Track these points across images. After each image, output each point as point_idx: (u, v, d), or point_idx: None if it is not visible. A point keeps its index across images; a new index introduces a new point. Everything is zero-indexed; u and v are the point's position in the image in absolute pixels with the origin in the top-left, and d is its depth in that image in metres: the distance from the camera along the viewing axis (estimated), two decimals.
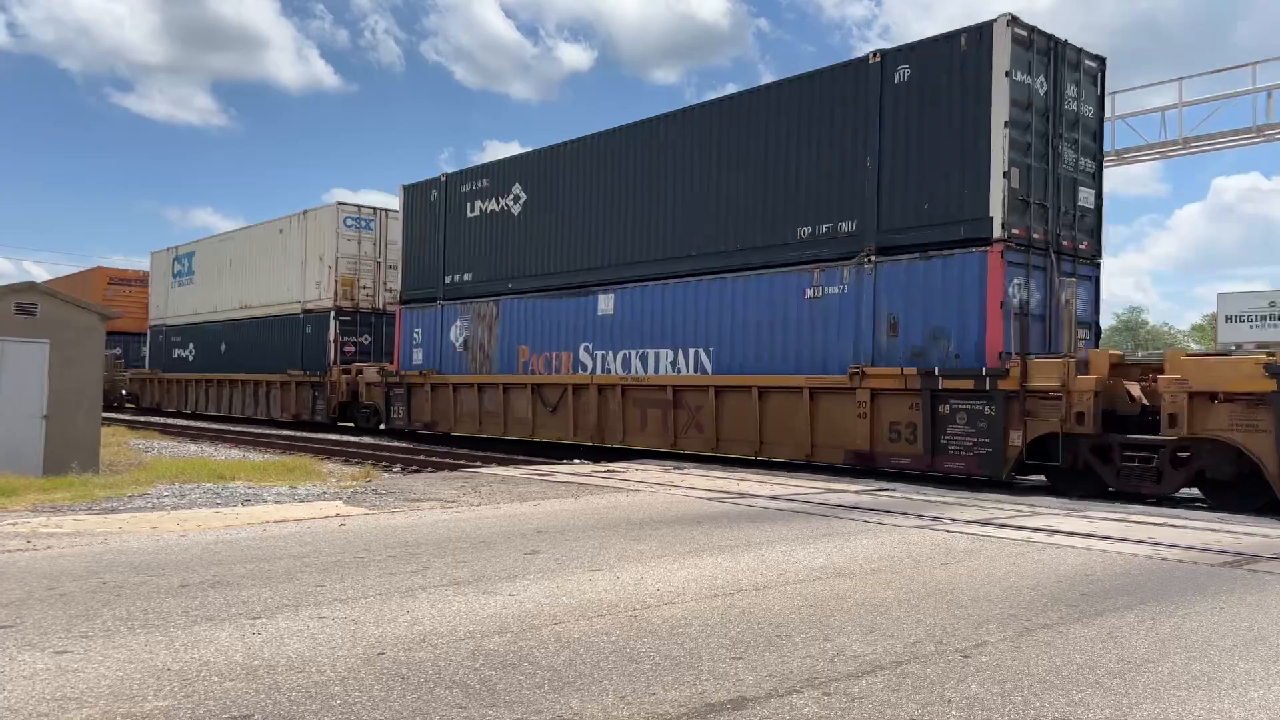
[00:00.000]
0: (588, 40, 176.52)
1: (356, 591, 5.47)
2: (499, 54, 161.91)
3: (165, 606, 5.03)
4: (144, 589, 5.45)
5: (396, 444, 22.98)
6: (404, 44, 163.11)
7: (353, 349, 28.40)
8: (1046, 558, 7.14)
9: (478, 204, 22.61)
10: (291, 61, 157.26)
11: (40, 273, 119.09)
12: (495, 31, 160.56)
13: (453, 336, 22.87)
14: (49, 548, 6.82)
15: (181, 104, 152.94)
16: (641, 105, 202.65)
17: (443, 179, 23.70)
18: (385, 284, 28.92)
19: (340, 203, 29.17)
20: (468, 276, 22.63)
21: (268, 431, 28.08)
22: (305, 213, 30.26)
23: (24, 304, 13.91)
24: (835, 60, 18.84)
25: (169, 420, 34.45)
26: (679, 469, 14.60)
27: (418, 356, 24.08)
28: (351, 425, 28.02)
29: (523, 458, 18.64)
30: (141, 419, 34.36)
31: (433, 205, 23.91)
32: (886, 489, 12.13)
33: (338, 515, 8.90)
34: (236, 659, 4.09)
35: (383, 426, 25.34)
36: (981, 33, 13.54)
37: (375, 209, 29.44)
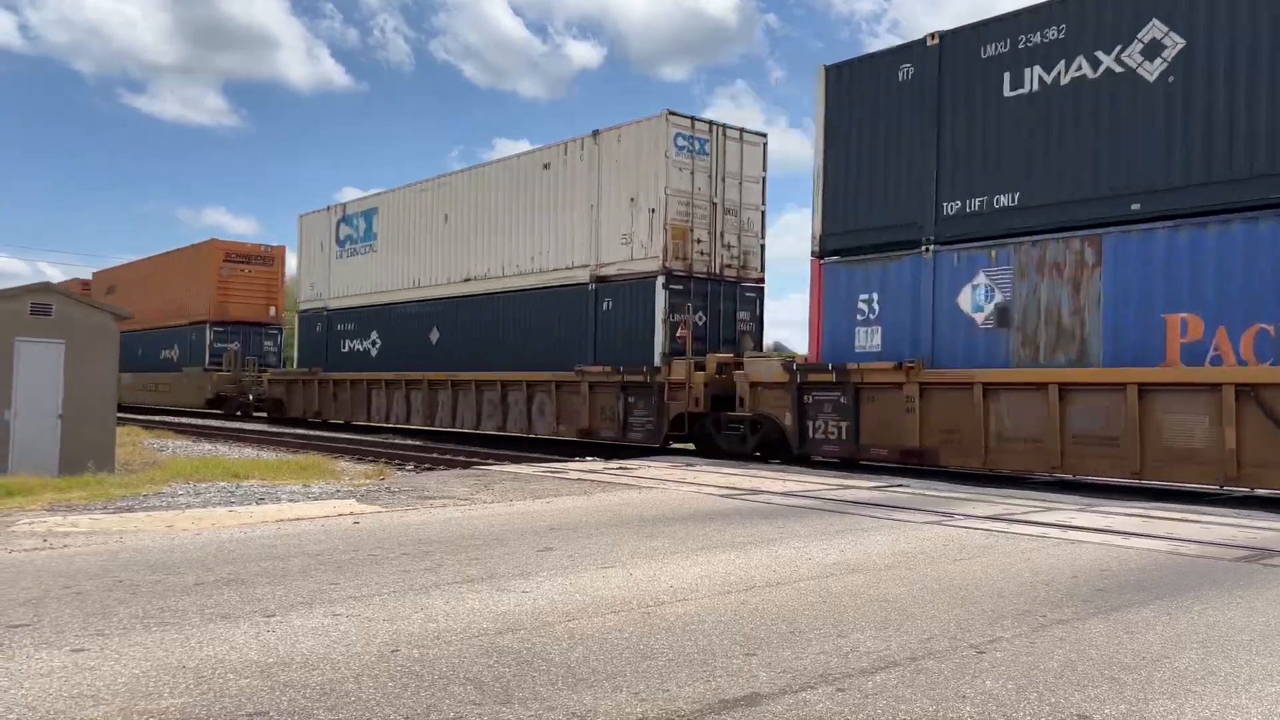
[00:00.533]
0: (596, 37, 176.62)
1: (370, 589, 5.49)
2: (508, 52, 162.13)
3: (181, 604, 5.05)
4: (159, 587, 5.48)
5: (409, 442, 22.99)
6: (413, 42, 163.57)
7: (685, 334, 18.58)
8: (1061, 553, 7.11)
9: (1033, 72, 13.33)
10: (302, 61, 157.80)
11: (55, 273, 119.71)
12: (504, 29, 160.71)
13: (967, 303, 13.96)
14: (65, 546, 6.87)
15: (192, 104, 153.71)
16: (652, 102, 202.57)
17: (931, 41, 14.39)
18: (723, 238, 19.51)
19: (671, 112, 18.89)
20: (1009, 199, 13.47)
21: (281, 430, 28.18)
22: (599, 133, 20.23)
23: (39, 304, 14.00)
24: (847, 54, 16.72)
25: (183, 420, 34.58)
26: (691, 465, 14.60)
27: (868, 338, 15.15)
28: (692, 446, 18.36)
29: (535, 455, 18.66)
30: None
31: (902, 89, 14.83)
32: (899, 485, 12.09)
33: (351, 513, 8.93)
34: (251, 656, 4.11)
35: (796, 452, 15.94)
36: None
37: (711, 124, 19.51)
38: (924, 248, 14.42)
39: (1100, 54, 12.61)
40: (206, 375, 37.24)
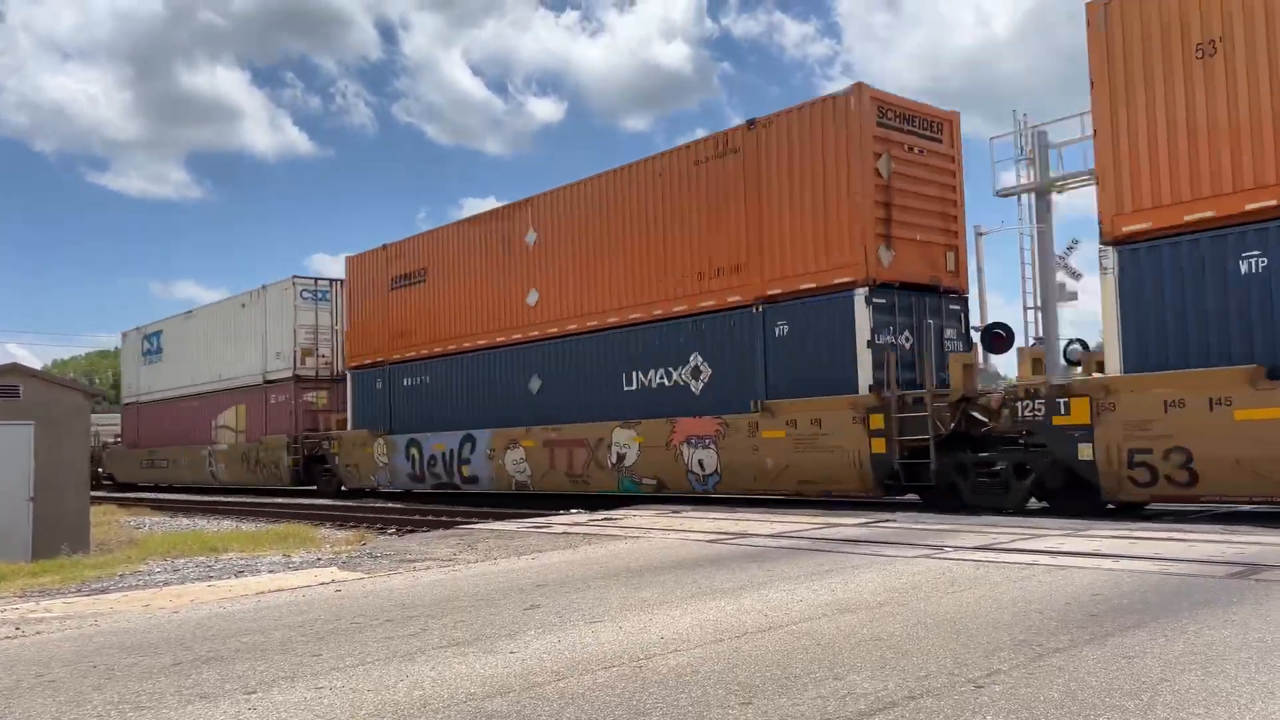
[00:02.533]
0: (557, 93, 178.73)
1: (354, 659, 5.35)
2: (469, 111, 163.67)
3: (158, 687, 4.90)
4: (136, 670, 5.31)
5: (391, 505, 22.74)
6: (374, 106, 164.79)
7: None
8: (1052, 580, 7.06)
9: None
10: (265, 130, 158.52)
11: (25, 355, 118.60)
12: (464, 89, 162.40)
13: None
14: (38, 633, 6.67)
15: (156, 179, 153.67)
16: (615, 153, 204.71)
17: None
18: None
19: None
20: None
21: (261, 501, 27.80)
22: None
23: (6, 386, 13.80)
24: (803, 97, 16.80)
25: (161, 495, 34.12)
26: (677, 512, 14.48)
27: None
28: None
29: (520, 511, 18.47)
30: (133, 496, 33.88)
31: None
32: (886, 520, 12.03)
33: (333, 581, 8.76)
34: None
35: None
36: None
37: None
38: None
39: None
40: None
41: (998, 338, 14.87)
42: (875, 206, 14.94)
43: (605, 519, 13.95)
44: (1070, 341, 14.62)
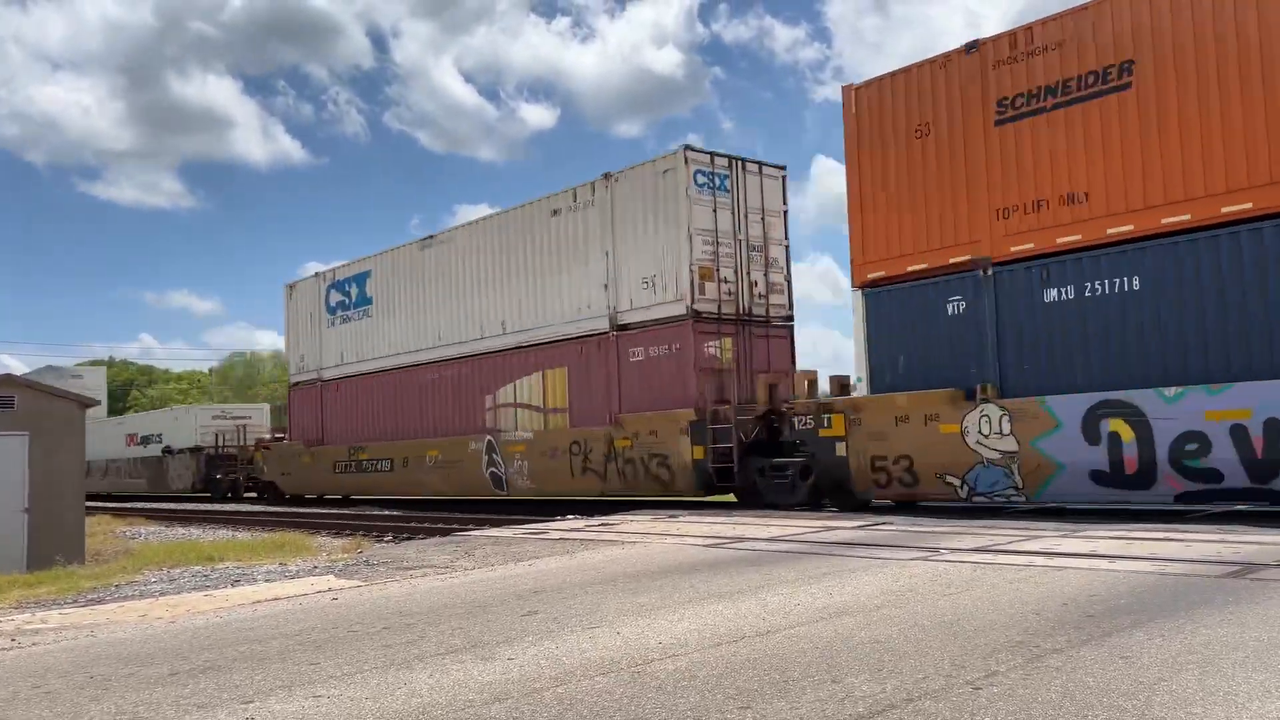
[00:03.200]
0: (549, 99, 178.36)
1: (352, 667, 5.34)
2: (461, 118, 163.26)
3: (155, 697, 4.88)
4: (133, 680, 5.30)
5: (387, 513, 22.71)
6: (366, 114, 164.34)
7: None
8: (1049, 581, 7.07)
9: None
10: (257, 139, 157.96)
11: (19, 366, 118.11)
12: (456, 96, 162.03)
13: None
14: (34, 644, 6.65)
15: (149, 188, 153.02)
16: (607, 159, 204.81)
17: None
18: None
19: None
20: None
21: (255, 509, 27.75)
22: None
23: (1, 397, 13.76)
24: (789, 106, 16.83)
25: (154, 505, 34.00)
26: (674, 517, 14.48)
27: None
28: None
29: (516, 517, 18.46)
30: (129, 507, 33.58)
31: None
32: (882, 523, 12.05)
33: (330, 589, 8.74)
34: None
35: None
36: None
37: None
38: None
39: None
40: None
41: None
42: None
43: (602, 524, 13.94)
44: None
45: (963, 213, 13.57)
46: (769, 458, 16.32)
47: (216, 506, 30.75)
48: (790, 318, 19.09)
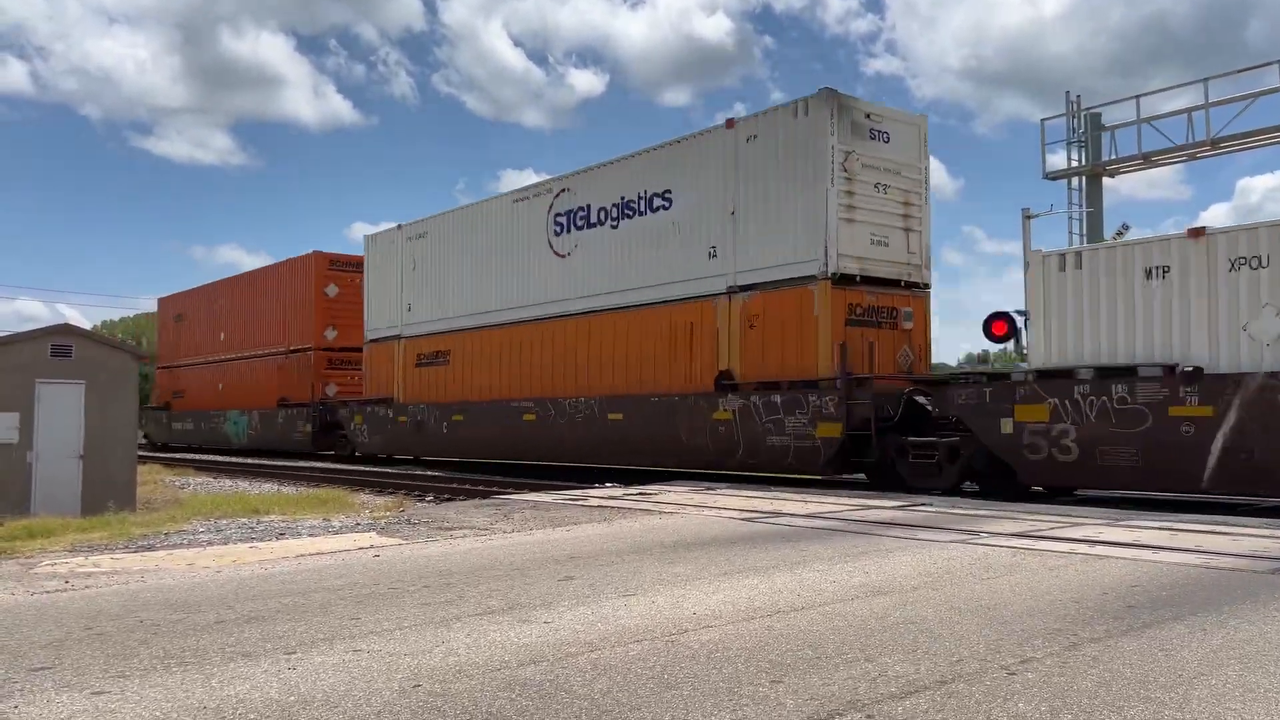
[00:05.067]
0: (597, 65, 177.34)
1: (391, 623, 5.45)
2: (509, 83, 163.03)
3: (201, 644, 5.02)
4: (180, 626, 5.45)
5: (429, 473, 23.02)
6: (416, 76, 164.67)
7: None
8: (1090, 569, 6.99)
9: None
10: (309, 98, 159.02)
11: (74, 315, 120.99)
12: (504, 61, 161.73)
13: None
14: (87, 587, 6.86)
15: (201, 144, 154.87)
16: (655, 129, 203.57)
17: None
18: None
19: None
20: None
21: (299, 464, 28.28)
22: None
23: (60, 346, 14.11)
24: (841, 77, 15.75)
25: (200, 456, 34.75)
26: (711, 489, 14.51)
27: None
28: None
29: (556, 483, 18.61)
30: (179, 457, 34.29)
31: None
32: (921, 504, 11.97)
33: (371, 546, 8.90)
34: (272, 695, 4.07)
35: None
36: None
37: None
38: None
39: None
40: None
41: (999, 325, 14.95)
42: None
43: (640, 494, 14.02)
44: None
45: None
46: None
47: (266, 461, 31.32)
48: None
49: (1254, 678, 4.18)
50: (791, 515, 10.83)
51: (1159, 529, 9.23)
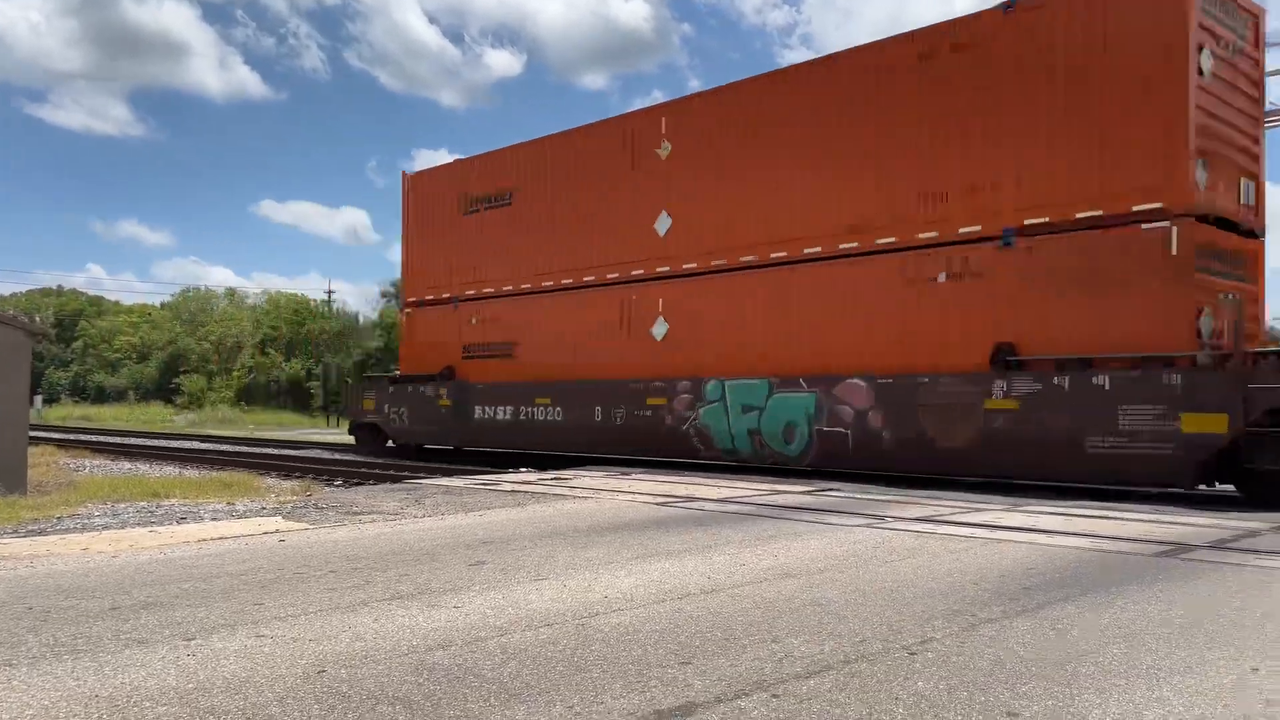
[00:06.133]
0: (514, 45, 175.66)
1: (296, 608, 5.34)
2: (424, 59, 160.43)
3: (95, 630, 4.85)
4: (72, 613, 5.25)
5: (337, 456, 22.59)
6: (328, 50, 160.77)
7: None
8: (989, 552, 7.23)
9: None
10: (215, 70, 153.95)
11: None
12: (419, 37, 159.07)
13: None
14: None
15: (98, 114, 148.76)
16: (574, 112, 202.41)
17: None
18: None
19: None
20: None
21: (204, 447, 27.47)
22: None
23: None
24: (763, 65, 15.25)
25: (101, 438, 33.46)
26: (626, 474, 14.56)
27: None
28: None
29: (469, 468, 18.44)
30: (71, 437, 32.96)
31: None
32: (831, 489, 12.22)
33: (276, 531, 8.70)
34: (170, 683, 3.95)
35: None
36: None
37: None
38: None
39: None
40: None
41: None
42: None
43: (555, 479, 13.99)
44: None
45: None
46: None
47: (162, 442, 30.31)
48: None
49: (1138, 656, 4.39)
50: (705, 500, 10.94)
51: (1055, 514, 9.59)
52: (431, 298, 21.89)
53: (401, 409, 22.09)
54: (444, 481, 14.02)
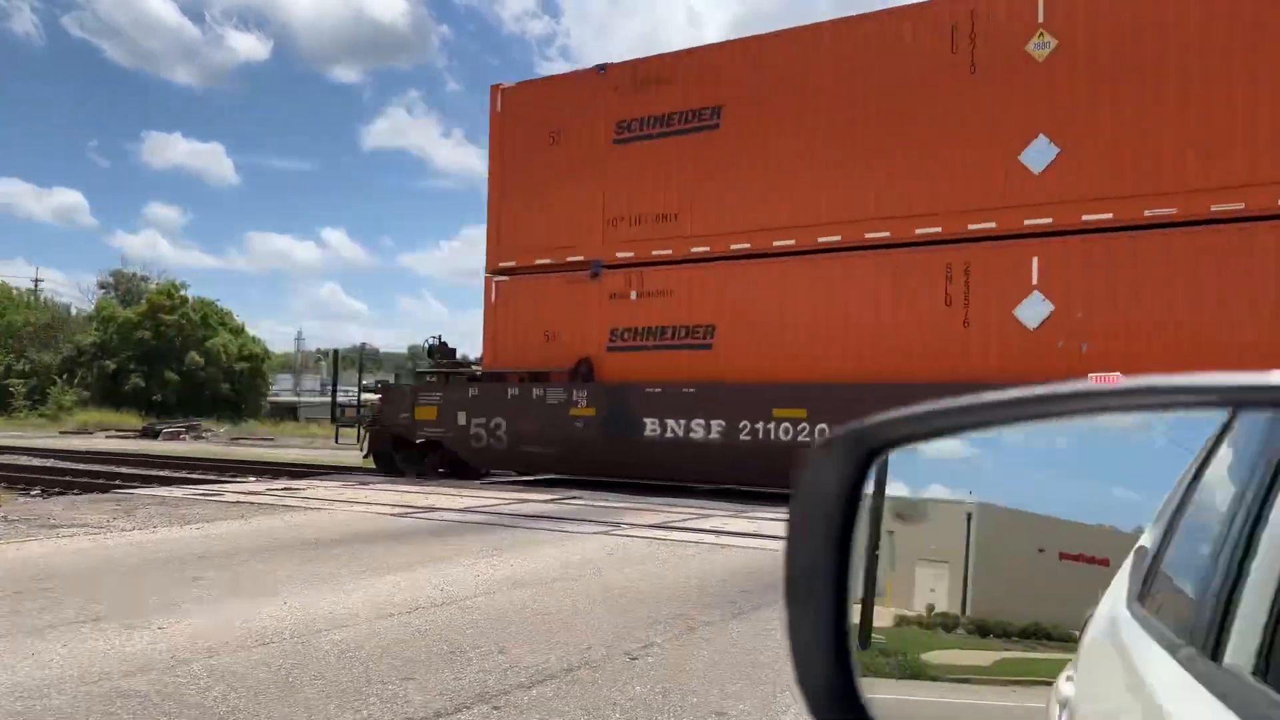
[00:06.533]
0: (261, 30, 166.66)
1: None
2: (156, 35, 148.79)
3: None
4: None
5: (36, 463, 20.35)
6: (42, 13, 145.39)
7: None
8: (715, 557, 7.60)
9: None
10: None
11: None
12: (151, 10, 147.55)
13: None
14: None
15: None
16: (325, 103, 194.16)
17: None
18: None
19: None
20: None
21: None
22: None
23: None
24: (523, 72, 15.52)
25: None
26: (364, 484, 14.09)
27: None
28: None
29: (189, 476, 17.18)
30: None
31: None
32: (572, 497, 12.39)
33: None
34: None
35: None
36: None
37: None
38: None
39: None
40: None
41: None
42: None
43: (285, 489, 13.32)
44: None
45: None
46: None
47: None
48: None
49: None
50: (446, 510, 10.78)
51: (776, 520, 10.22)
52: (547, 262, 15.50)
53: (496, 420, 15.09)
54: (160, 492, 12.98)
